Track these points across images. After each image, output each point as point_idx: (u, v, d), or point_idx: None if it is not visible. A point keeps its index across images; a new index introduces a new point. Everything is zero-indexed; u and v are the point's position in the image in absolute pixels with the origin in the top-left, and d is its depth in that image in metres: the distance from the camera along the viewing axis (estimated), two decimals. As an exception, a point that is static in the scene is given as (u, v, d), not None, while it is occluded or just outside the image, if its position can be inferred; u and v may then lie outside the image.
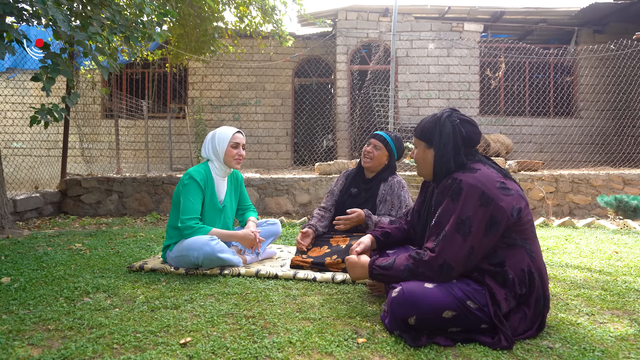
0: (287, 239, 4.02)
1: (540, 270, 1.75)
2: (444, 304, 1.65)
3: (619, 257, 3.26)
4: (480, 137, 1.88)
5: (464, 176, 1.74)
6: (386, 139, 2.95)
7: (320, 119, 10.88)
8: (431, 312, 1.65)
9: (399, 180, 2.98)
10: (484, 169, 1.79)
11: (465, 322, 1.68)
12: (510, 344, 1.63)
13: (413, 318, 1.65)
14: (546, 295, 1.76)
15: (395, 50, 8.10)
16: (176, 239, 2.78)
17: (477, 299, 1.67)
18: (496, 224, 1.68)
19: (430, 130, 1.88)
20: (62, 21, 3.06)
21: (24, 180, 6.37)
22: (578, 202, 6.38)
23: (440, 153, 1.84)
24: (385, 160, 2.98)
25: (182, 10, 6.18)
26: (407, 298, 1.66)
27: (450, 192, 1.75)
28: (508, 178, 1.81)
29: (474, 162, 1.84)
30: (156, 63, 10.04)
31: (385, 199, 2.92)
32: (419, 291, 1.67)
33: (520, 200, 1.74)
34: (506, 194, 1.71)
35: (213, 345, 1.62)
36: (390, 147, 2.95)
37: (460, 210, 1.70)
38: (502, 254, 1.71)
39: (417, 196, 2.17)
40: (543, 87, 10.23)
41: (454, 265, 1.69)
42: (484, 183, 1.71)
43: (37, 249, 3.38)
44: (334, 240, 2.90)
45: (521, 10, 9.38)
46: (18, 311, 1.99)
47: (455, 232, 1.69)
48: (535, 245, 1.77)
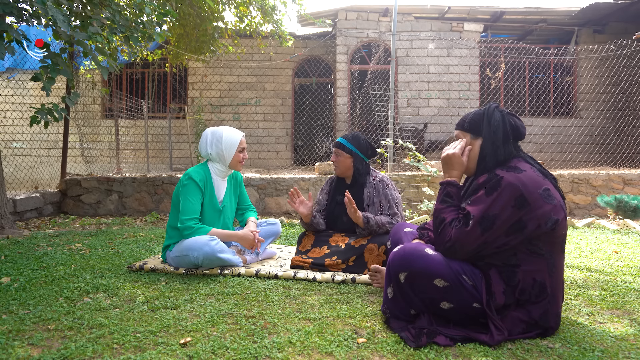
0: (287, 239, 4.02)
1: (556, 288, 1.71)
2: (438, 270, 1.69)
3: (619, 257, 3.26)
4: (526, 131, 1.85)
5: (506, 174, 1.69)
6: (342, 142, 2.92)
7: (320, 119, 10.88)
8: (423, 274, 1.69)
9: (381, 178, 2.90)
10: (530, 171, 1.72)
11: (457, 296, 1.68)
12: (503, 333, 1.63)
13: (404, 274, 1.70)
14: (557, 312, 1.72)
15: (395, 50, 8.09)
16: (176, 239, 2.78)
17: (473, 278, 1.70)
18: (522, 229, 1.64)
19: (478, 121, 1.84)
20: (62, 21, 3.06)
21: (24, 180, 6.37)
22: (578, 202, 6.38)
23: (490, 140, 1.79)
24: (350, 163, 2.91)
25: (182, 10, 6.18)
26: (405, 254, 1.74)
27: (487, 185, 1.71)
28: (553, 185, 1.74)
29: (520, 160, 1.79)
30: (156, 63, 10.04)
31: (372, 202, 2.86)
32: (417, 252, 1.74)
33: (559, 211, 1.67)
34: (547, 202, 1.65)
35: (213, 345, 1.62)
36: (348, 148, 2.89)
37: (490, 205, 1.66)
38: (521, 258, 1.68)
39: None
40: (543, 87, 10.22)
41: (461, 251, 1.71)
42: (526, 185, 1.65)
43: (37, 249, 3.38)
44: (333, 240, 2.90)
45: (521, 10, 9.38)
46: (18, 311, 1.99)
47: (477, 224, 1.67)
48: (559, 261, 1.73)
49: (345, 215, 2.91)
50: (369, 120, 9.70)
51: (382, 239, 2.71)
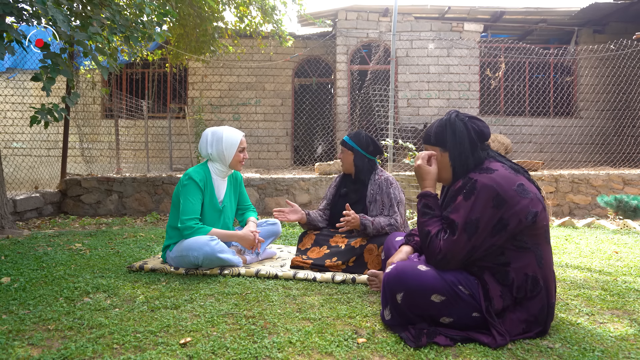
0: (287, 239, 4.02)
1: (547, 279, 1.72)
2: (434, 286, 1.69)
3: (619, 257, 3.26)
4: (490, 131, 1.87)
5: (480, 176, 1.72)
6: (345, 140, 3.02)
7: (320, 119, 10.88)
8: (419, 291, 1.69)
9: (386, 177, 2.95)
10: (502, 169, 1.75)
11: (455, 309, 1.69)
12: (505, 338, 1.63)
13: (400, 294, 1.71)
14: (551, 303, 1.73)
15: (395, 50, 8.09)
16: (176, 239, 2.78)
17: (469, 286, 1.70)
18: (505, 227, 1.67)
19: (443, 134, 1.86)
20: (62, 21, 3.06)
21: (24, 180, 6.37)
22: (578, 202, 6.38)
23: (457, 151, 1.82)
24: (351, 159, 2.99)
25: (182, 10, 6.18)
26: (398, 274, 1.74)
27: (464, 190, 1.74)
28: (527, 179, 1.77)
29: (491, 160, 1.81)
30: (156, 63, 10.04)
31: (375, 199, 2.90)
32: (410, 270, 1.74)
33: (537, 203, 1.70)
34: (523, 197, 1.68)
35: (213, 345, 1.62)
36: (350, 145, 2.98)
37: (470, 210, 1.69)
38: (510, 256, 1.70)
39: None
40: (543, 87, 10.22)
41: (452, 260, 1.73)
42: (500, 184, 1.68)
43: (37, 249, 3.38)
44: (334, 240, 2.90)
45: (521, 10, 9.38)
46: (18, 311, 1.99)
47: (462, 231, 1.69)
48: (546, 252, 1.74)
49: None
50: (369, 120, 9.70)
51: (382, 239, 2.71)
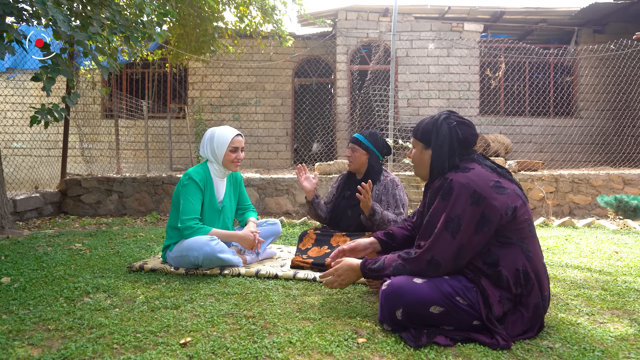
0: (287, 239, 4.02)
1: (538, 271, 1.74)
2: (432, 298, 1.68)
3: (619, 257, 3.26)
4: (476, 138, 1.90)
5: (456, 176, 1.77)
6: (359, 138, 3.01)
7: (320, 119, 10.88)
8: (418, 306, 1.68)
9: (392, 179, 2.99)
10: (478, 168, 1.80)
11: (455, 318, 1.69)
12: (509, 343, 1.63)
13: (400, 311, 1.70)
14: (544, 296, 1.74)
15: (395, 50, 8.09)
16: (176, 239, 2.78)
17: (467, 296, 1.69)
18: (488, 223, 1.69)
19: (429, 132, 1.90)
20: (62, 21, 3.06)
21: (24, 180, 6.37)
22: (578, 202, 6.38)
23: (436, 154, 1.86)
24: (365, 159, 3.00)
25: (182, 10, 6.18)
26: (395, 291, 1.72)
27: (441, 192, 1.78)
28: (505, 177, 1.82)
29: (469, 161, 1.85)
30: (156, 63, 10.04)
31: (380, 199, 2.93)
32: (406, 285, 1.73)
33: (516, 199, 1.74)
34: (500, 193, 1.72)
35: (213, 345, 1.62)
36: (365, 145, 2.99)
37: (450, 208, 1.72)
38: (497, 253, 1.72)
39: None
40: (543, 87, 10.22)
41: (442, 261, 1.72)
42: (475, 182, 1.73)
43: (37, 249, 3.38)
44: (334, 240, 2.90)
45: (521, 10, 9.38)
46: (18, 311, 1.99)
47: (444, 229, 1.71)
48: (533, 245, 1.77)
49: (349, 210, 2.99)
50: (369, 120, 9.71)
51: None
